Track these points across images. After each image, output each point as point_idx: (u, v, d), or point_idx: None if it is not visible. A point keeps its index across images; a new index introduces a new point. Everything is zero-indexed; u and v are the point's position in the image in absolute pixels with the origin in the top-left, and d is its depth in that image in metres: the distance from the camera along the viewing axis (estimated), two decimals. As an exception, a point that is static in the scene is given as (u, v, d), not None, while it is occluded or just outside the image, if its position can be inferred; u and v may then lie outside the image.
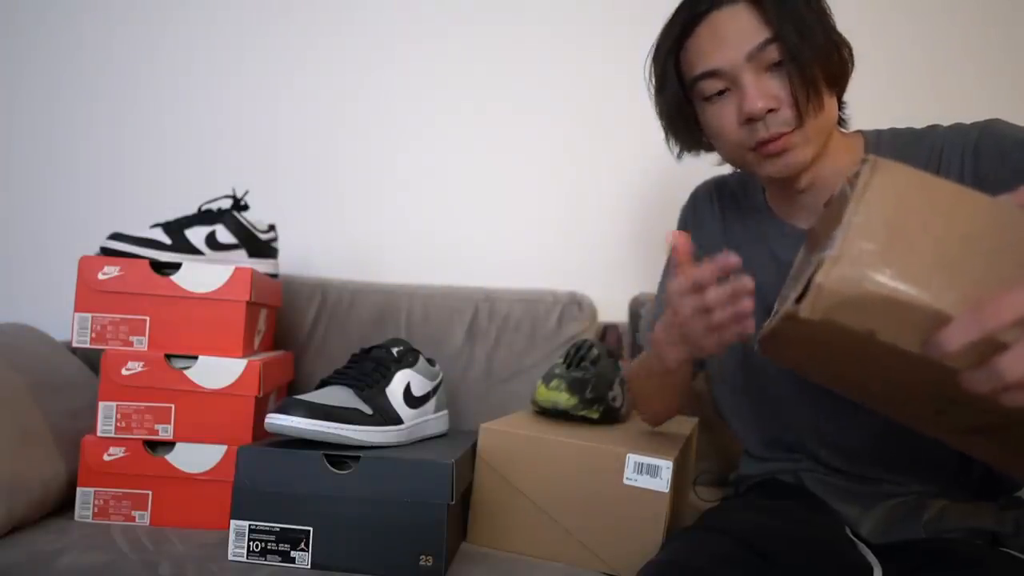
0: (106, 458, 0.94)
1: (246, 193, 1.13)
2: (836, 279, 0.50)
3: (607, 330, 1.30)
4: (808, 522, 0.78)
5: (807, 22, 0.73)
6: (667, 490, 0.84)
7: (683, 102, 0.81)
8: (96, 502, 0.94)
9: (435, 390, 1.02)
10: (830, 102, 0.76)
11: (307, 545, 0.83)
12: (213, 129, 1.41)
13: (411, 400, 0.95)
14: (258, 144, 1.41)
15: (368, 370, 0.94)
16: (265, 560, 0.83)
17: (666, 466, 0.85)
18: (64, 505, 0.96)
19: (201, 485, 0.95)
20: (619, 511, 0.86)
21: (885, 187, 0.52)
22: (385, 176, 1.41)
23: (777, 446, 0.90)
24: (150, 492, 0.95)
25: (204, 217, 1.07)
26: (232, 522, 0.83)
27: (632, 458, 0.86)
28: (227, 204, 1.23)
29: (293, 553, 0.83)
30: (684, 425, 1.06)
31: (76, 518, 0.94)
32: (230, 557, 0.83)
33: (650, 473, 0.85)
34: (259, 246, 1.11)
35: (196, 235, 1.04)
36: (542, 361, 1.24)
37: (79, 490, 0.94)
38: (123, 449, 0.95)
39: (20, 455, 0.90)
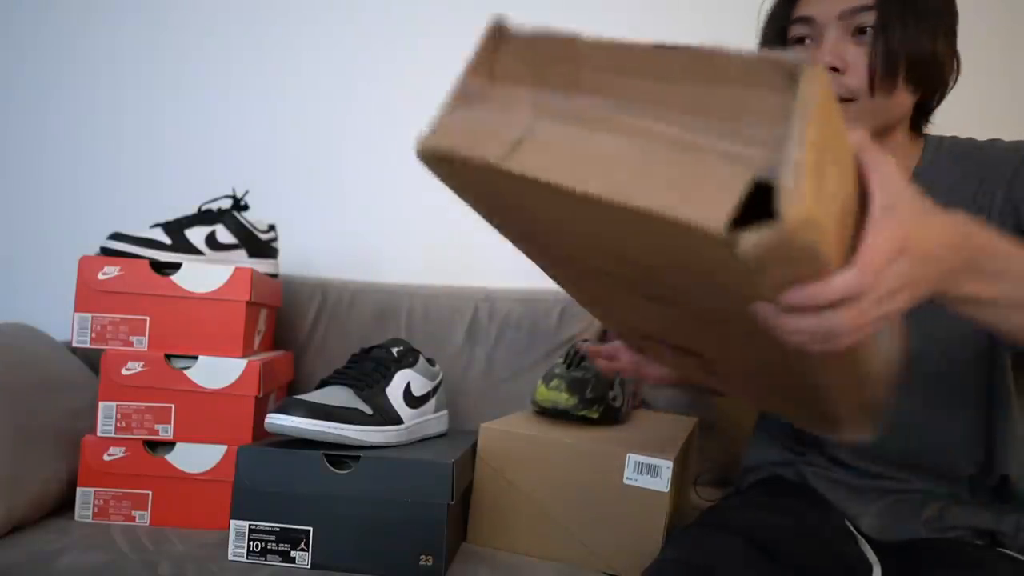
0: (106, 458, 0.95)
1: (246, 193, 1.13)
2: (800, 216, 0.33)
3: (607, 330, 1.30)
4: (811, 519, 0.78)
5: (916, 9, 0.73)
6: (667, 490, 0.84)
7: (779, 39, 0.81)
8: (96, 502, 0.94)
9: (435, 390, 1.02)
10: (903, 95, 0.75)
11: (307, 545, 0.83)
12: (213, 129, 1.41)
13: (411, 400, 0.95)
14: (258, 144, 1.41)
15: (368, 370, 0.94)
16: (265, 560, 0.83)
17: (666, 466, 0.85)
18: (64, 505, 0.96)
19: (201, 485, 0.95)
20: (619, 511, 0.86)
21: (826, 106, 0.37)
22: (385, 176, 1.41)
23: (787, 433, 0.90)
24: (150, 492, 0.95)
25: (204, 217, 1.07)
26: (232, 522, 0.83)
27: (632, 458, 0.86)
28: (227, 204, 1.23)
29: (293, 553, 0.83)
30: (684, 425, 1.06)
31: (76, 518, 0.94)
32: (230, 557, 0.83)
33: (650, 473, 0.85)
34: (259, 246, 1.11)
35: (196, 235, 1.04)
36: (542, 361, 1.24)
37: (79, 490, 0.94)
38: (123, 449, 0.95)
39: (20, 455, 0.90)
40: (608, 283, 0.53)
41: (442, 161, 0.44)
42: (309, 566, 0.82)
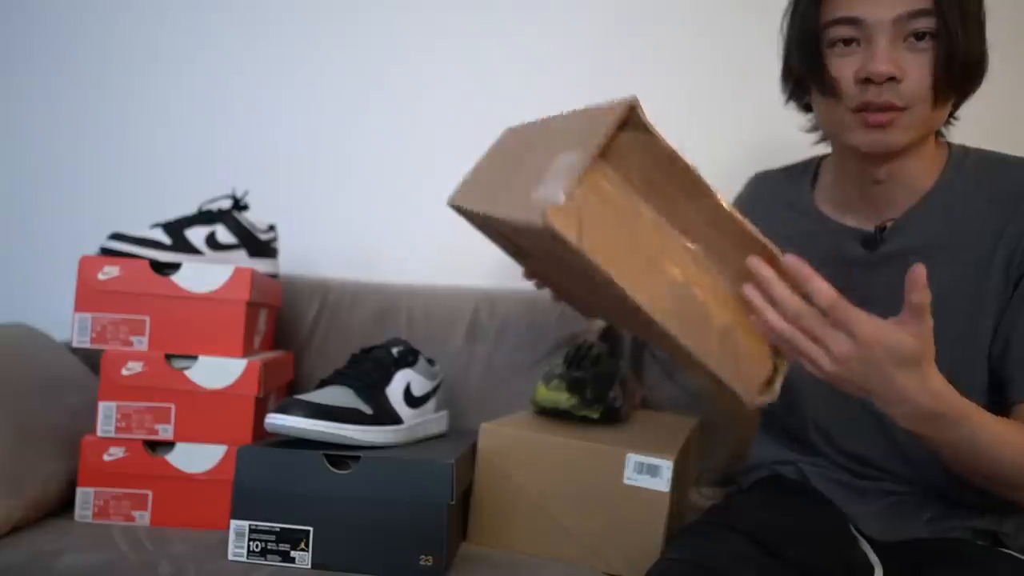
0: (106, 458, 0.94)
1: (246, 193, 1.13)
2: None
3: (607, 330, 1.30)
4: (813, 519, 0.78)
5: (969, 11, 0.70)
6: (667, 490, 0.84)
7: (812, 40, 0.76)
8: (96, 502, 0.94)
9: (435, 390, 1.02)
10: (949, 103, 0.73)
11: (307, 545, 0.82)
12: (213, 129, 1.41)
13: (411, 400, 0.95)
14: (258, 144, 1.41)
15: (368, 370, 0.94)
16: (265, 560, 0.83)
17: (666, 466, 0.85)
18: (64, 505, 0.96)
19: (201, 485, 0.95)
20: (619, 511, 0.86)
21: None
22: (385, 176, 1.41)
23: (789, 434, 0.90)
24: (150, 492, 0.95)
25: (204, 217, 1.07)
26: (232, 522, 0.83)
27: (632, 458, 0.86)
28: (227, 204, 1.23)
29: (293, 553, 0.83)
30: (684, 425, 1.06)
31: (76, 518, 0.94)
32: (230, 557, 0.83)
33: (650, 473, 0.85)
34: (259, 246, 1.11)
35: (196, 235, 1.04)
36: (542, 361, 1.24)
37: (79, 490, 0.94)
38: (123, 449, 0.95)
39: (20, 455, 0.90)
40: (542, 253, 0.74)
41: (560, 239, 0.57)
42: (309, 566, 0.82)
